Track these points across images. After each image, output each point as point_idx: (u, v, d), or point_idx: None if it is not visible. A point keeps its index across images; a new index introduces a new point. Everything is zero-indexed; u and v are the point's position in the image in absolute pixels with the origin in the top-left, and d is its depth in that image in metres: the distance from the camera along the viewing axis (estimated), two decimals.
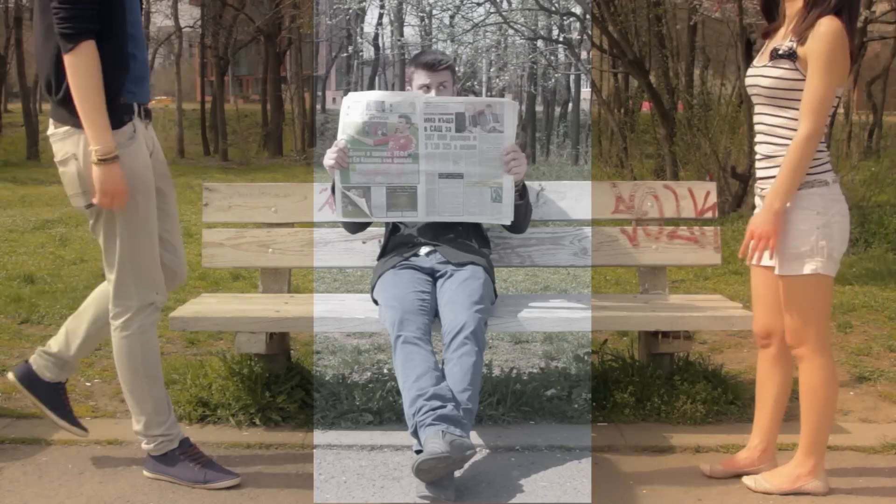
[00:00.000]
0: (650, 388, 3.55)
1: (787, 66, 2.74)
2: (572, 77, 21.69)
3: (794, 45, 2.73)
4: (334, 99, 43.41)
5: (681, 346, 3.59)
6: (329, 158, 3.32)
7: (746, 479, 2.96)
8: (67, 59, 2.64)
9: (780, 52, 2.76)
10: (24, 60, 19.29)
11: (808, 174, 2.76)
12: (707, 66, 16.77)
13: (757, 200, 2.97)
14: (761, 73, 2.82)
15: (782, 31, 2.85)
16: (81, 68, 2.63)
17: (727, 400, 3.57)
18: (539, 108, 24.31)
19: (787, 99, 2.77)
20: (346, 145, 3.31)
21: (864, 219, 7.99)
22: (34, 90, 23.03)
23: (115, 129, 2.71)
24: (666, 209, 3.78)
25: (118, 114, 2.73)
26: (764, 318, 2.97)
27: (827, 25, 2.66)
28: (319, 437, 3.33)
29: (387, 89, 34.41)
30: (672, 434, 3.36)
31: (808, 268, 2.77)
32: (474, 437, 3.18)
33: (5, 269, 6.34)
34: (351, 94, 3.36)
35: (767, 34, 2.91)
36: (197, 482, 2.91)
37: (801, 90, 2.73)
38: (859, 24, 10.05)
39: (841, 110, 11.74)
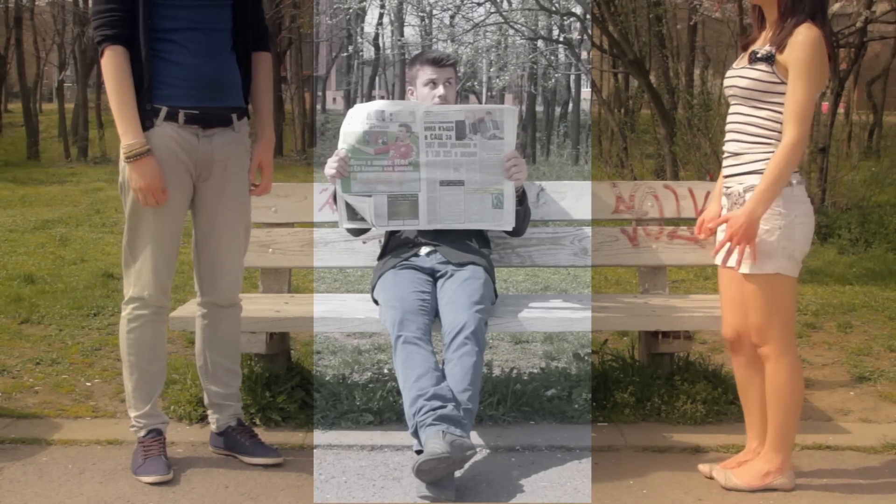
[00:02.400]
0: (650, 388, 3.55)
1: (764, 69, 2.81)
2: (572, 77, 21.67)
3: (773, 51, 2.79)
4: (334, 99, 43.36)
5: (681, 346, 3.59)
6: (330, 168, 3.33)
7: (716, 474, 2.97)
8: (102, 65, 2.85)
9: (759, 55, 2.82)
10: (23, 60, 19.24)
11: (760, 172, 2.80)
12: (707, 66, 16.75)
13: (721, 200, 3.00)
14: (739, 75, 2.88)
15: (761, 38, 2.90)
16: (106, 72, 2.82)
17: (727, 400, 3.57)
18: (539, 108, 24.27)
19: (761, 100, 2.83)
20: (346, 154, 3.32)
21: (864, 219, 7.98)
22: (34, 90, 23.00)
23: None
24: (666, 209, 3.77)
25: (141, 118, 2.86)
26: (733, 320, 2.98)
27: (805, 34, 2.74)
28: (319, 437, 3.33)
29: (387, 89, 34.43)
30: (672, 434, 3.36)
31: (770, 267, 2.81)
32: (474, 437, 3.19)
33: (5, 269, 6.33)
34: (355, 106, 3.39)
35: (746, 46, 2.96)
36: (132, 468, 3.01)
37: (776, 93, 2.80)
38: (859, 24, 10.07)
39: (841, 110, 11.72)
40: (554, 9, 12.11)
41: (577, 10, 12.24)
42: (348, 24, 26.08)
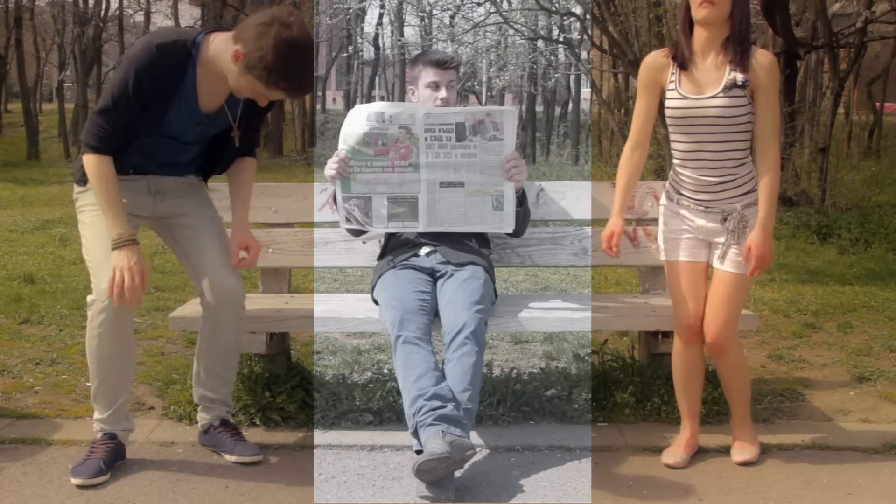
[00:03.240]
0: (650, 388, 3.55)
1: (740, 95, 2.96)
2: (572, 77, 21.68)
3: (748, 78, 2.94)
4: (334, 99, 43.33)
5: None
6: (330, 168, 3.34)
7: (737, 456, 3.16)
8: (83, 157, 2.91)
9: (738, 83, 2.94)
10: (23, 60, 19.25)
11: (753, 190, 3.05)
12: None
13: (696, 217, 3.11)
14: (712, 104, 2.97)
15: (707, 60, 3.00)
16: (90, 172, 2.87)
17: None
18: (539, 108, 24.27)
19: (737, 124, 3.00)
20: (346, 155, 3.32)
21: (864, 219, 7.99)
22: (34, 90, 23.01)
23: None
24: None
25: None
26: (699, 311, 3.13)
27: (769, 58, 2.98)
28: (319, 437, 3.33)
29: (387, 89, 34.37)
30: (672, 434, 3.35)
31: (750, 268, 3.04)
32: (474, 437, 3.18)
33: (5, 269, 6.33)
34: (355, 107, 3.39)
35: (684, 65, 3.03)
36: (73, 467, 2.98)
37: (749, 114, 2.99)
38: (859, 24, 10.05)
39: (841, 110, 11.73)
40: (554, 9, 12.11)
41: (577, 10, 12.24)
42: (348, 24, 26.07)
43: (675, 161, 3.13)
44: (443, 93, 3.43)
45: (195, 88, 2.88)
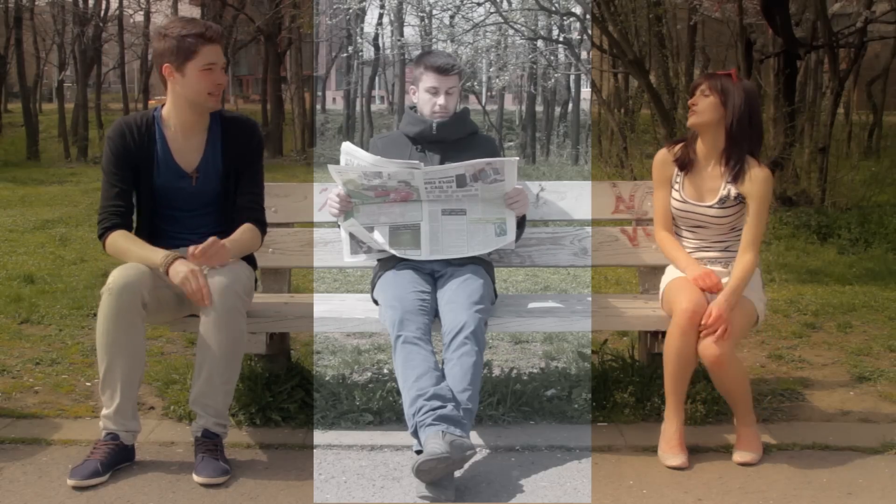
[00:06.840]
0: (650, 388, 3.55)
1: (734, 205, 3.28)
2: (572, 77, 21.64)
3: (738, 193, 3.24)
4: (334, 99, 43.31)
5: None
6: (332, 207, 3.34)
7: (738, 457, 3.16)
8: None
9: (732, 197, 3.26)
10: (23, 60, 19.21)
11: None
12: (707, 66, 16.75)
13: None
14: (709, 213, 3.31)
15: (707, 167, 3.31)
16: (114, 252, 3.20)
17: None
18: (539, 108, 24.27)
19: (734, 224, 3.32)
20: (346, 194, 3.31)
21: (864, 219, 7.98)
22: (34, 90, 22.98)
23: None
24: None
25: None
26: (700, 300, 3.18)
27: (765, 172, 3.23)
28: (319, 437, 3.33)
29: (387, 89, 34.29)
30: None
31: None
32: (474, 437, 3.19)
33: (5, 269, 6.33)
34: (345, 148, 3.32)
35: (684, 166, 3.34)
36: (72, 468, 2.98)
37: (741, 217, 3.29)
38: (859, 24, 10.06)
39: (841, 110, 11.73)
40: (554, 9, 12.09)
41: (577, 10, 12.22)
42: (348, 24, 26.02)
43: (685, 247, 3.43)
44: (441, 99, 3.42)
45: (167, 145, 3.23)
